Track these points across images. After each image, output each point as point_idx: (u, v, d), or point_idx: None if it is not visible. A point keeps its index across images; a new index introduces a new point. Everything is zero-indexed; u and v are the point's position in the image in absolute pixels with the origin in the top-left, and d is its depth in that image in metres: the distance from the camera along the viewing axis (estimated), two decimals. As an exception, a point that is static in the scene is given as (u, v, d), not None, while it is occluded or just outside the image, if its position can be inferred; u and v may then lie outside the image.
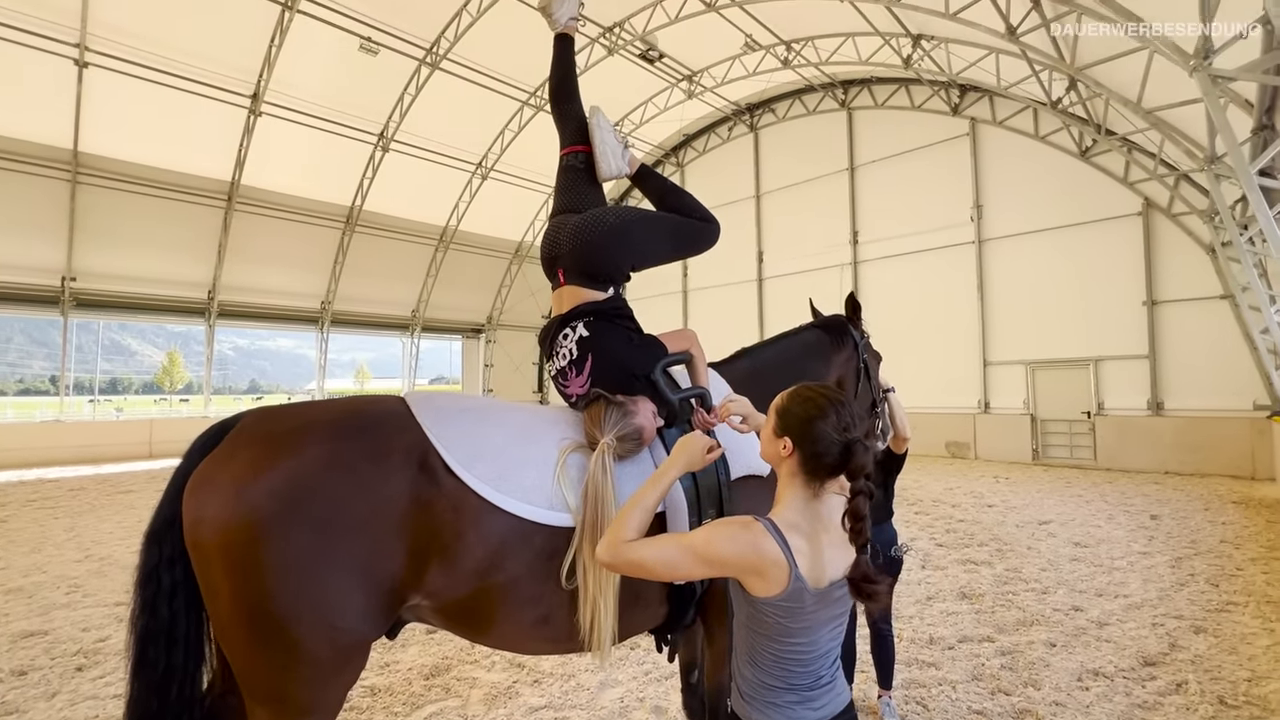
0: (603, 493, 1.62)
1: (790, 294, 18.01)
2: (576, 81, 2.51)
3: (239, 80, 14.48)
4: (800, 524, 1.29)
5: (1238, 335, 11.04)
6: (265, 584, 1.39)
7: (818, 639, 1.27)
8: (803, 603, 1.24)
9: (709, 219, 2.28)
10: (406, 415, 1.64)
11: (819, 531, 1.29)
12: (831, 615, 1.29)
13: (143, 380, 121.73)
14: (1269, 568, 5.58)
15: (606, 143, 2.26)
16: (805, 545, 1.26)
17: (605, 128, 2.28)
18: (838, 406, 1.32)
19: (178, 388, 72.71)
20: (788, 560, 1.22)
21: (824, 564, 1.27)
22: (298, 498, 1.43)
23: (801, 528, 1.28)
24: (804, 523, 1.29)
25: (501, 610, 1.62)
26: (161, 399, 69.95)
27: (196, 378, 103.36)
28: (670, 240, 2.25)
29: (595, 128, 2.27)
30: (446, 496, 1.56)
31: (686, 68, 16.87)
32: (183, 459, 1.58)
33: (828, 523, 1.31)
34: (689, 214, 2.26)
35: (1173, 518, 7.71)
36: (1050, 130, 13.31)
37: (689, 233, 2.27)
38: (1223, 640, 4.05)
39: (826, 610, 1.27)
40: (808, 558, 1.25)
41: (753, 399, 2.29)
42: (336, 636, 1.45)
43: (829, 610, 1.28)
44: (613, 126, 2.35)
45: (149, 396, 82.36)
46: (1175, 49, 5.46)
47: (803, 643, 1.26)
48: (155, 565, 1.50)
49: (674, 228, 2.25)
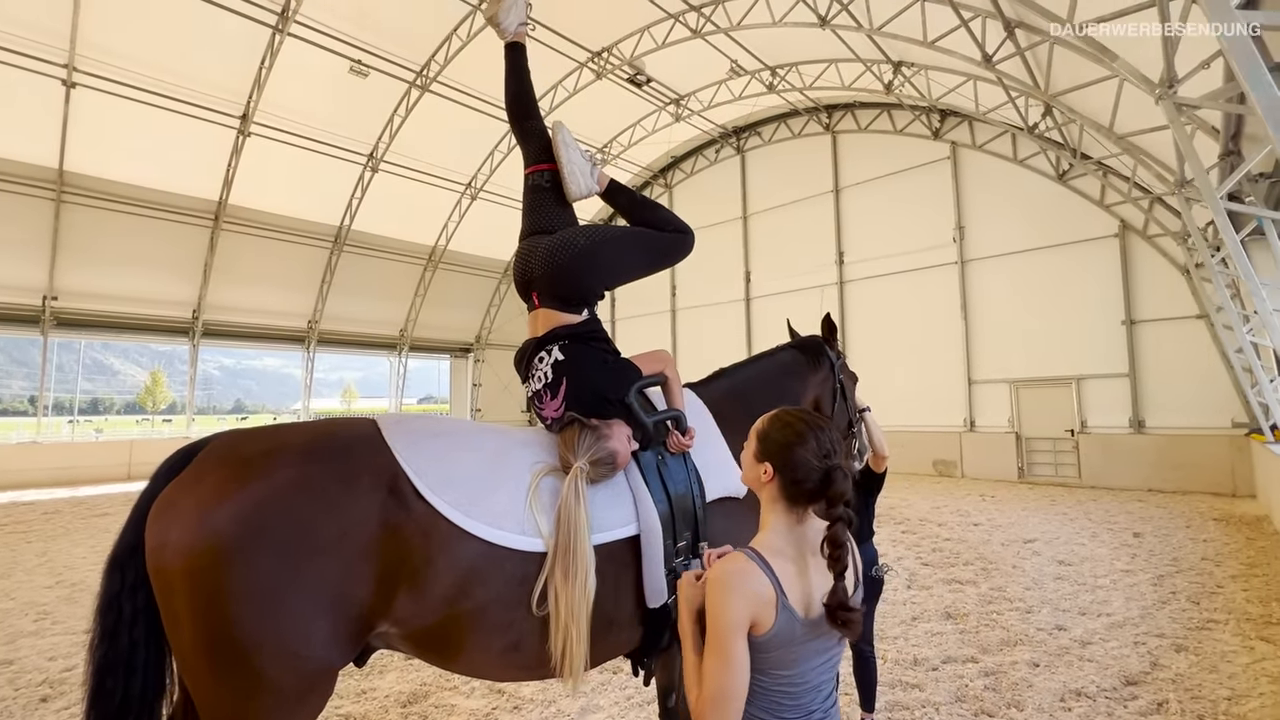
0: (575, 518, 1.62)
1: (778, 313, 18.11)
2: (534, 95, 2.46)
3: (228, 101, 14.54)
4: (785, 549, 1.26)
5: (1214, 354, 11.25)
6: (228, 611, 1.36)
7: (806, 671, 1.23)
8: (793, 633, 1.20)
9: (682, 229, 2.26)
10: (377, 438, 1.63)
11: (805, 555, 1.27)
12: (823, 647, 1.25)
13: (125, 400, 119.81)
14: (1249, 585, 5.62)
15: (573, 161, 2.21)
16: (793, 570, 1.23)
17: (570, 145, 2.22)
18: (817, 432, 1.31)
19: (161, 408, 71.53)
20: (776, 591, 1.19)
21: (812, 590, 1.24)
22: (263, 522, 1.41)
23: (787, 553, 1.25)
24: (789, 548, 1.26)
25: (471, 637, 1.60)
26: (144, 419, 68.80)
27: (180, 398, 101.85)
28: (643, 255, 2.22)
29: (560, 145, 2.21)
30: (416, 521, 1.55)
31: (674, 91, 17.16)
32: (149, 483, 1.56)
33: (813, 546, 1.28)
34: (661, 228, 2.24)
35: (1155, 535, 7.77)
36: (1028, 154, 13.63)
37: (661, 246, 2.25)
38: (1203, 658, 4.06)
39: (817, 641, 1.23)
40: (796, 585, 1.22)
41: (730, 419, 2.31)
42: (301, 665, 1.43)
43: (820, 642, 1.24)
44: (577, 143, 2.29)
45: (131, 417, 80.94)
46: (1142, 78, 5.65)
47: (790, 675, 1.22)
48: (117, 592, 1.47)
49: (646, 243, 2.22)
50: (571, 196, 2.24)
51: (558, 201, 2.22)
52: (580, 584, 1.59)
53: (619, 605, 1.79)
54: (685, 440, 1.96)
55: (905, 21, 10.29)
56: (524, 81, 2.44)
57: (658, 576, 1.81)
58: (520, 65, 2.45)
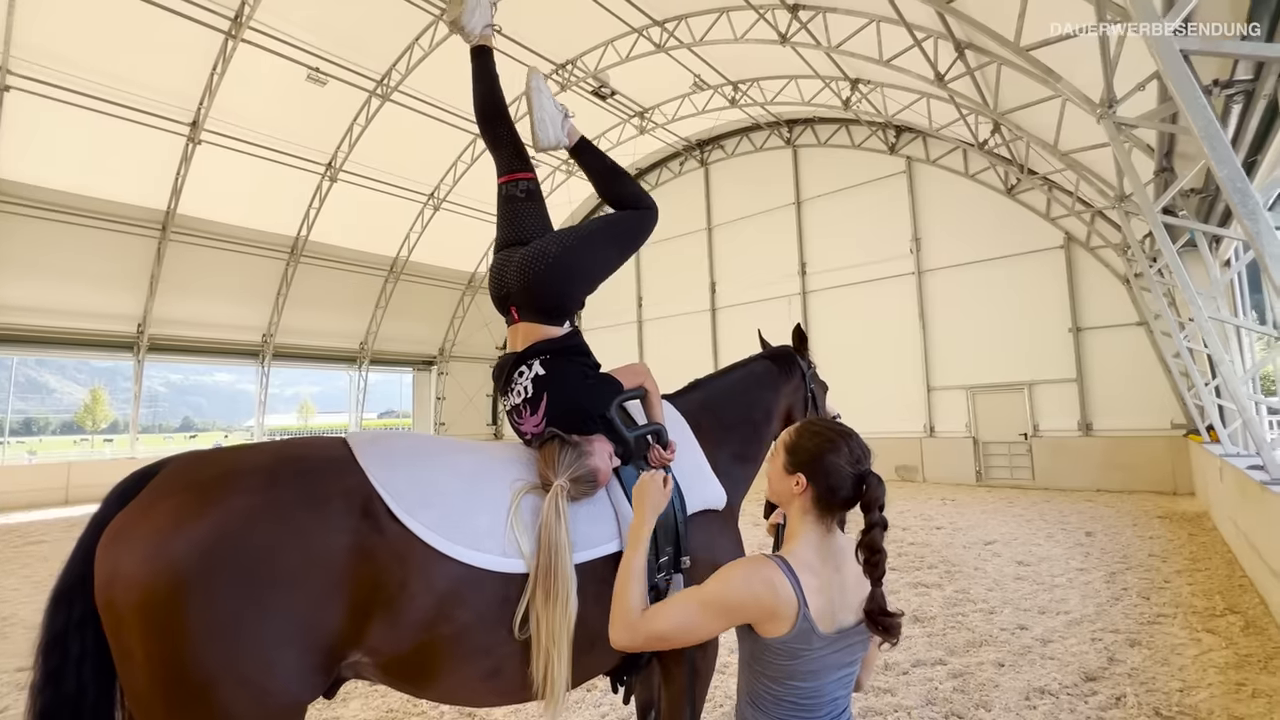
0: (556, 537, 1.58)
1: (743, 323, 18.38)
2: (503, 99, 2.34)
3: (176, 107, 14.01)
4: (814, 563, 1.25)
5: (1153, 359, 11.85)
6: (188, 648, 1.28)
7: (823, 685, 1.22)
8: (810, 645, 1.19)
9: (648, 205, 2.23)
10: (348, 458, 1.56)
11: (832, 571, 1.26)
12: (841, 662, 1.24)
13: (61, 420, 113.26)
14: (1193, 579, 5.90)
15: (545, 109, 2.15)
16: (818, 585, 1.22)
17: (542, 92, 2.17)
18: (848, 439, 1.31)
19: (101, 427, 67.75)
20: (798, 599, 1.19)
21: (836, 606, 1.23)
22: (224, 551, 1.33)
23: (815, 567, 1.24)
24: (818, 562, 1.25)
25: (449, 664, 1.54)
26: (82, 439, 65.23)
27: (123, 416, 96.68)
28: (615, 247, 2.16)
29: (533, 92, 2.16)
30: (390, 545, 1.48)
31: (638, 104, 17.31)
32: (99, 508, 1.46)
33: (840, 561, 1.28)
34: (629, 201, 2.20)
35: (1105, 534, 8.09)
36: (979, 169, 14.20)
37: (630, 229, 2.19)
38: (1155, 652, 4.23)
39: (836, 656, 1.23)
40: (820, 599, 1.21)
41: (707, 430, 2.31)
42: (268, 701, 1.35)
43: (839, 657, 1.23)
44: (552, 94, 2.23)
45: (68, 437, 76.59)
46: (1084, 98, 5.96)
47: (806, 687, 1.21)
48: (63, 629, 1.37)
49: (615, 233, 2.16)
50: (539, 145, 2.19)
51: (532, 211, 2.17)
52: (562, 605, 1.55)
53: (602, 623, 1.75)
54: (667, 454, 1.95)
55: (862, 40, 10.63)
56: (493, 86, 2.33)
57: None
58: (488, 70, 2.34)
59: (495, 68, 2.37)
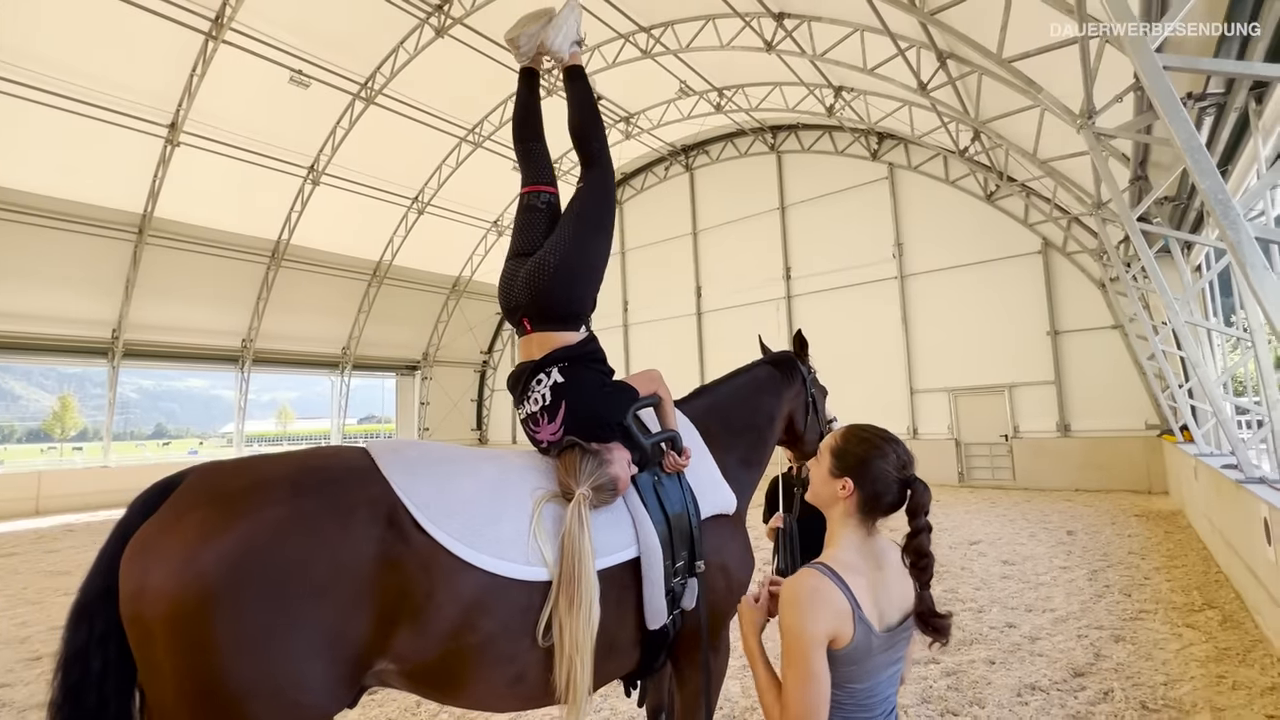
0: (580, 545, 1.60)
1: (728, 327, 18.50)
2: (540, 119, 2.38)
3: (155, 109, 13.75)
4: (858, 564, 1.26)
5: (1128, 361, 12.17)
6: (218, 661, 1.28)
7: (878, 684, 1.24)
8: (870, 646, 1.21)
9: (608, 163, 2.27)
10: (370, 468, 1.57)
11: (874, 570, 1.28)
12: (891, 660, 1.26)
13: (27, 428, 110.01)
14: (1171, 576, 6.07)
15: (568, 23, 2.27)
16: (865, 584, 1.24)
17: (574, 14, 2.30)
18: (895, 445, 1.32)
19: (70, 434, 65.84)
20: (851, 605, 1.20)
21: (883, 605, 1.25)
22: (253, 564, 1.33)
23: (859, 568, 1.26)
24: (861, 562, 1.27)
25: (475, 671, 1.55)
26: (50, 447, 63.43)
27: (93, 422, 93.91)
28: (598, 230, 2.15)
29: (569, 10, 2.29)
30: (416, 555, 1.49)
31: (624, 109, 17.37)
32: (121, 519, 1.44)
33: (881, 560, 1.30)
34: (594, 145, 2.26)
35: (1086, 533, 8.29)
36: (959, 175, 14.48)
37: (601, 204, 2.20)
38: (1139, 647, 4.35)
39: (886, 655, 1.25)
40: (868, 598, 1.23)
41: (714, 434, 2.35)
42: (299, 714, 1.35)
43: (889, 655, 1.25)
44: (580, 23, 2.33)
45: (35, 445, 74.46)
46: (1064, 109, 6.13)
47: (864, 687, 1.22)
48: (84, 645, 1.35)
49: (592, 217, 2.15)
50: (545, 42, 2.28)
51: (547, 224, 2.19)
52: (586, 612, 1.56)
53: (620, 628, 1.78)
54: (682, 460, 1.98)
55: (846, 49, 10.81)
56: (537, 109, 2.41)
57: (658, 597, 1.81)
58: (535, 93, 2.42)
59: (539, 91, 2.45)
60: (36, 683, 4.47)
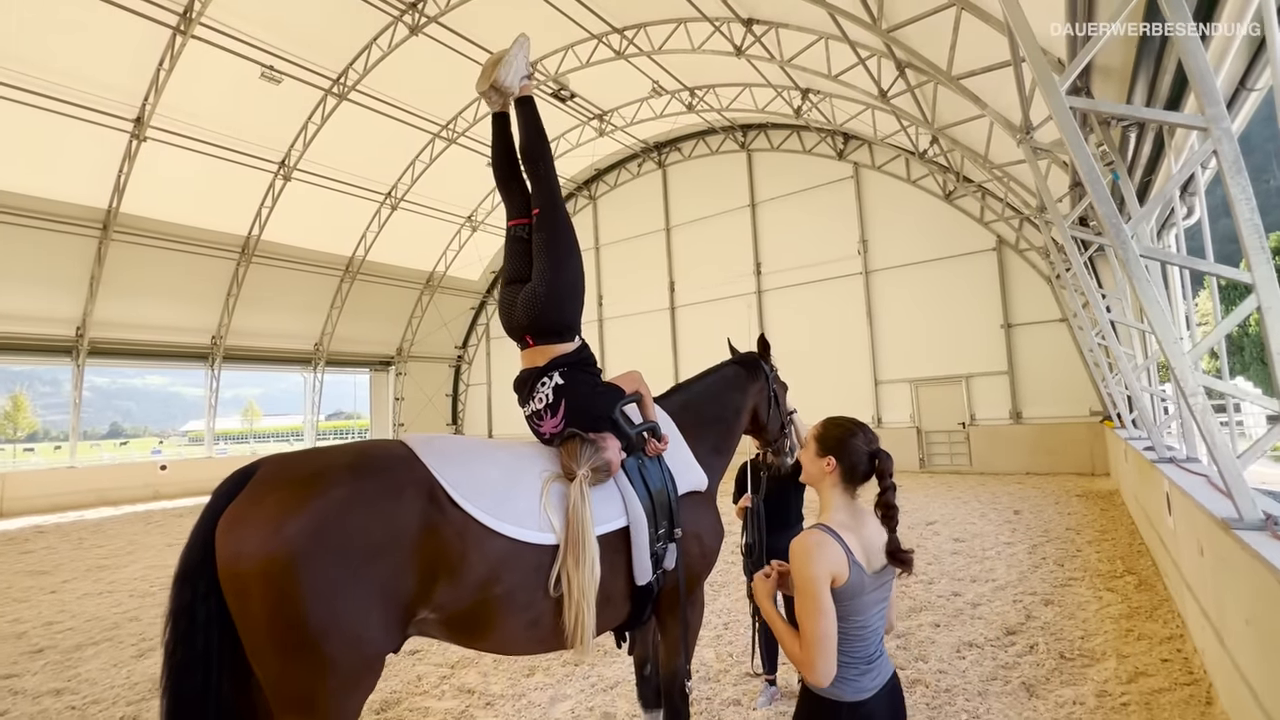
0: (583, 516, 1.98)
1: (701, 321, 18.97)
2: (517, 157, 2.61)
3: (120, 103, 13.53)
4: (848, 523, 1.64)
5: (1074, 352, 13.00)
6: (302, 609, 1.61)
7: (870, 618, 1.60)
8: (863, 584, 1.58)
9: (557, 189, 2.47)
10: (412, 457, 1.92)
11: (860, 526, 1.65)
12: (879, 597, 1.63)
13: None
14: (1100, 548, 6.72)
15: (516, 60, 2.51)
16: (855, 539, 1.61)
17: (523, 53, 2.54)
18: (863, 429, 1.70)
19: (23, 435, 63.16)
20: (846, 554, 1.57)
21: (870, 553, 1.62)
22: (326, 531, 1.67)
23: (849, 525, 1.63)
24: (850, 520, 1.64)
25: (499, 617, 1.92)
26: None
27: (44, 423, 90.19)
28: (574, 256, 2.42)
29: (517, 48, 2.52)
30: (452, 524, 1.85)
31: (597, 107, 17.63)
32: (210, 503, 1.77)
33: (864, 519, 1.67)
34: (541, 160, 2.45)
35: (1031, 512, 8.97)
36: (919, 176, 15.15)
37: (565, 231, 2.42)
38: (1064, 609, 4.92)
39: (876, 593, 1.61)
40: (859, 548, 1.60)
41: (686, 424, 2.74)
42: (362, 649, 1.70)
43: (878, 593, 1.62)
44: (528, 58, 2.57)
45: (-18, 446, 71.13)
46: (1006, 123, 6.67)
47: (860, 621, 1.59)
48: (189, 601, 1.67)
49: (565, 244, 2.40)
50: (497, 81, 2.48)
51: (525, 253, 2.48)
52: (589, 568, 1.95)
53: (614, 583, 2.16)
54: (661, 445, 2.37)
55: (812, 56, 11.28)
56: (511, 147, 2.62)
57: (644, 559, 2.20)
58: (508, 132, 2.63)
59: (511, 131, 2.66)
60: (43, 673, 4.67)
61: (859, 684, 1.59)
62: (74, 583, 7.52)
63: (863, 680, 1.60)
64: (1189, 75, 2.71)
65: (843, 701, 1.59)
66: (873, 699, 1.60)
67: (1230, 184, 2.66)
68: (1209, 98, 2.67)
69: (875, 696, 1.60)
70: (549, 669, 4.31)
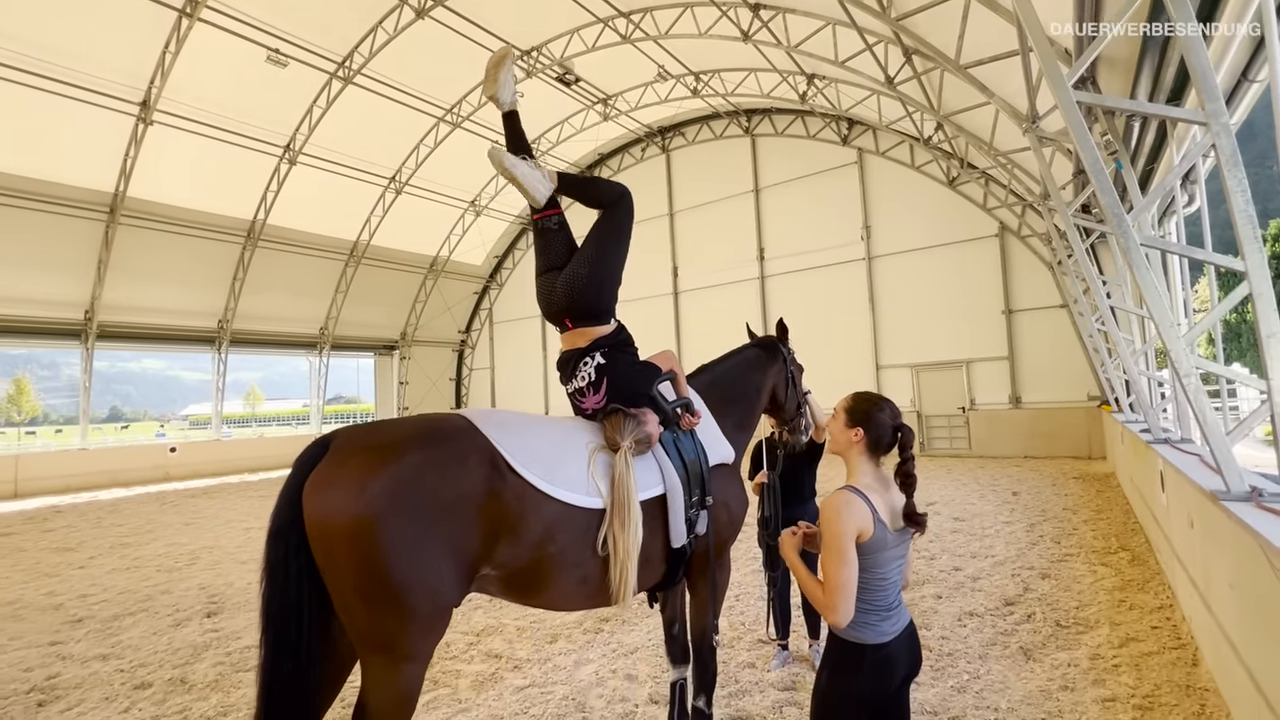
0: (627, 483, 2.17)
1: (704, 306, 19.11)
2: (532, 152, 2.76)
3: (126, 86, 13.54)
4: (874, 486, 1.83)
5: (1074, 337, 13.19)
6: (385, 562, 1.80)
7: (890, 571, 1.81)
8: (885, 540, 1.78)
9: (620, 192, 2.70)
10: (472, 428, 2.10)
11: (884, 489, 1.85)
12: (899, 554, 1.83)
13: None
14: (1096, 526, 6.96)
15: (526, 177, 2.56)
16: (880, 500, 1.80)
17: (516, 165, 2.56)
18: (888, 404, 1.90)
19: (27, 418, 63.26)
20: (871, 512, 1.77)
21: (892, 514, 1.82)
22: (404, 493, 1.85)
23: (875, 488, 1.83)
24: (876, 484, 1.84)
25: (553, 574, 2.12)
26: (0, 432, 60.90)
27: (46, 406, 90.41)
28: (618, 243, 2.63)
29: (509, 168, 2.53)
30: (511, 489, 2.04)
31: (601, 91, 17.60)
32: (294, 468, 1.95)
33: (887, 484, 1.87)
34: (609, 200, 2.66)
35: (1029, 493, 9.22)
36: (924, 162, 15.22)
37: (622, 225, 2.64)
38: (1061, 582, 5.16)
39: (896, 549, 1.82)
40: (884, 508, 1.80)
41: (713, 401, 2.93)
42: (436, 599, 1.89)
43: (898, 550, 1.82)
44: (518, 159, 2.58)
45: (-17, 430, 71.33)
46: (1013, 111, 6.78)
47: (882, 573, 1.79)
48: (283, 556, 1.86)
49: (612, 233, 2.61)
50: (537, 203, 2.64)
51: (563, 240, 2.67)
52: (633, 531, 2.15)
53: (653, 546, 2.36)
54: (694, 419, 2.56)
55: (819, 41, 11.31)
56: (525, 144, 2.79)
57: (679, 523, 2.40)
58: (518, 130, 2.82)
59: (522, 128, 2.85)
60: (86, 640, 4.90)
61: (879, 629, 1.79)
62: (100, 559, 7.76)
63: (883, 625, 1.79)
64: (1190, 72, 2.86)
65: (866, 644, 1.79)
66: (892, 642, 1.80)
67: (1227, 176, 2.82)
68: (1209, 94, 2.82)
69: (895, 640, 1.81)
70: (570, 636, 4.54)
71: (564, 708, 3.45)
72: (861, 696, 1.78)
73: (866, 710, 1.79)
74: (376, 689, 1.86)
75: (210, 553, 7.83)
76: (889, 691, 1.81)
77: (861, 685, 1.78)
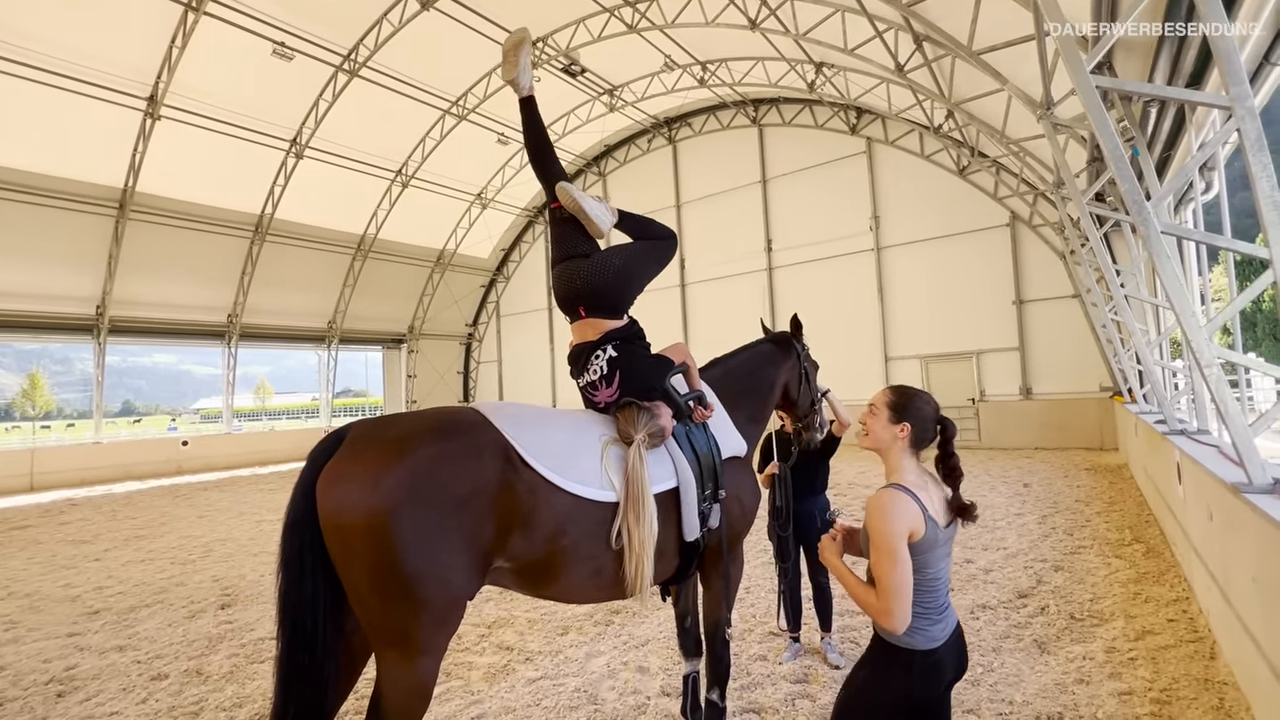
0: (641, 476, 2.15)
1: (712, 298, 19.04)
2: (551, 144, 2.76)
3: (134, 82, 13.57)
4: (919, 482, 1.76)
5: (1086, 328, 13.05)
6: (398, 554, 1.79)
7: (940, 570, 1.73)
8: (936, 538, 1.70)
9: (671, 235, 2.77)
10: (486, 422, 2.08)
11: (930, 485, 1.78)
12: (947, 550, 1.76)
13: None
14: (1109, 518, 6.90)
15: (592, 209, 2.56)
16: (927, 496, 1.73)
17: (583, 197, 2.56)
18: (929, 397, 1.84)
19: (42, 413, 63.98)
20: (922, 510, 1.69)
21: (939, 508, 1.74)
22: (419, 486, 1.84)
23: (921, 485, 1.76)
24: (920, 480, 1.77)
25: (566, 566, 2.11)
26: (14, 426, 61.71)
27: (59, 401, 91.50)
28: (656, 264, 2.70)
29: (578, 200, 2.53)
30: (524, 482, 2.02)
31: (607, 82, 17.49)
32: (309, 462, 1.94)
33: (930, 479, 1.80)
34: (658, 236, 2.73)
35: (1040, 485, 9.15)
36: (933, 151, 15.04)
37: (664, 252, 2.73)
38: (1074, 574, 5.11)
39: (945, 546, 1.74)
40: (932, 504, 1.73)
41: (725, 395, 2.90)
42: (449, 591, 1.88)
43: (947, 546, 1.75)
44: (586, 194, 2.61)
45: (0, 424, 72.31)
46: (1027, 98, 6.67)
47: (933, 573, 1.71)
48: (298, 549, 1.86)
49: (657, 254, 2.69)
50: (600, 235, 2.64)
51: (580, 231, 2.63)
52: (648, 524, 2.13)
53: (666, 539, 2.35)
54: (706, 412, 2.53)
55: (827, 29, 11.17)
56: (542, 130, 2.75)
57: (692, 517, 2.38)
58: (536, 117, 2.76)
59: (540, 115, 2.79)
60: (103, 631, 4.95)
61: (930, 633, 1.69)
62: (115, 551, 7.84)
63: (933, 630, 1.69)
64: (1214, 54, 2.79)
65: (915, 650, 1.69)
66: (942, 648, 1.70)
67: (1252, 161, 2.75)
68: (1234, 77, 2.75)
69: (944, 645, 1.71)
70: (582, 628, 4.55)
71: (576, 700, 3.46)
72: (905, 700, 1.71)
73: (903, 713, 1.71)
74: (391, 682, 1.86)
75: (223, 545, 7.90)
76: (933, 696, 1.73)
77: (908, 689, 1.70)
